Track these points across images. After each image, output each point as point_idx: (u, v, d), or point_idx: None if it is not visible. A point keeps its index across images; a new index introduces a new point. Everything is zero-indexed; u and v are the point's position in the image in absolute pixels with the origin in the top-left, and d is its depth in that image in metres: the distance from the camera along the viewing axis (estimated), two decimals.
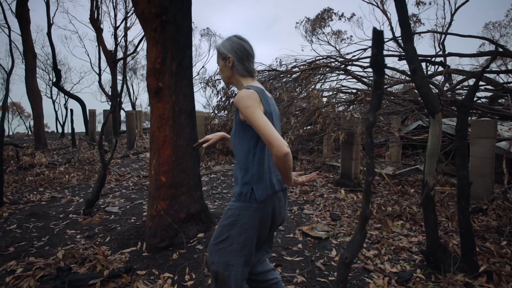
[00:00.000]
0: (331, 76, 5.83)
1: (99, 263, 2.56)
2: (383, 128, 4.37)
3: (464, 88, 6.45)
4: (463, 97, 6.03)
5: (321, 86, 6.33)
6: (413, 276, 2.34)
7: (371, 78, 7.39)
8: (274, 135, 1.26)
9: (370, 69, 6.67)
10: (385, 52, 8.85)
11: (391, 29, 17.53)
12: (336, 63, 5.69)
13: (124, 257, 2.69)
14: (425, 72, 14.57)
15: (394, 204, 3.72)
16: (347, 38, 20.23)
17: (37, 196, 4.84)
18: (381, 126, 4.47)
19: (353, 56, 6.32)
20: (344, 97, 5.91)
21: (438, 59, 10.28)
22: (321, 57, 6.83)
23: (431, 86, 5.47)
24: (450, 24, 16.32)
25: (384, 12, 17.76)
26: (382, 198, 4.05)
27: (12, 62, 9.06)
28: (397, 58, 8.93)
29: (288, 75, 5.47)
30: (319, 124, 4.25)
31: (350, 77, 5.64)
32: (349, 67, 5.91)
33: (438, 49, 18.93)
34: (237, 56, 1.50)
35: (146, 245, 2.90)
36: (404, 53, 10.12)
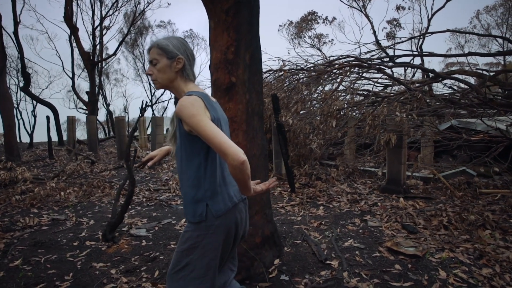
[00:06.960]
0: (363, 76, 5.55)
1: None
2: (428, 128, 4.11)
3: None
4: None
5: (336, 87, 6.01)
6: None
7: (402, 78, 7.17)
8: (227, 143, 1.15)
9: (397, 68, 6.41)
10: (368, 56, 8.70)
11: (374, 32, 17.97)
12: (360, 62, 5.42)
13: None
14: (404, 75, 14.93)
15: (463, 211, 3.41)
16: (329, 41, 20.59)
17: (34, 220, 4.02)
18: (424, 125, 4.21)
19: (372, 55, 6.12)
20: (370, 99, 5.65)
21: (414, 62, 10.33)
22: (336, 57, 6.54)
23: (466, 85, 5.36)
24: (427, 29, 17.00)
25: (367, 15, 18.16)
26: (444, 204, 3.75)
27: None
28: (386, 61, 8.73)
29: (318, 74, 5.10)
30: (367, 126, 3.92)
31: (385, 76, 5.40)
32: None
33: (415, 53, 19.70)
34: (187, 59, 1.38)
35: None
36: (391, 56, 10.14)
